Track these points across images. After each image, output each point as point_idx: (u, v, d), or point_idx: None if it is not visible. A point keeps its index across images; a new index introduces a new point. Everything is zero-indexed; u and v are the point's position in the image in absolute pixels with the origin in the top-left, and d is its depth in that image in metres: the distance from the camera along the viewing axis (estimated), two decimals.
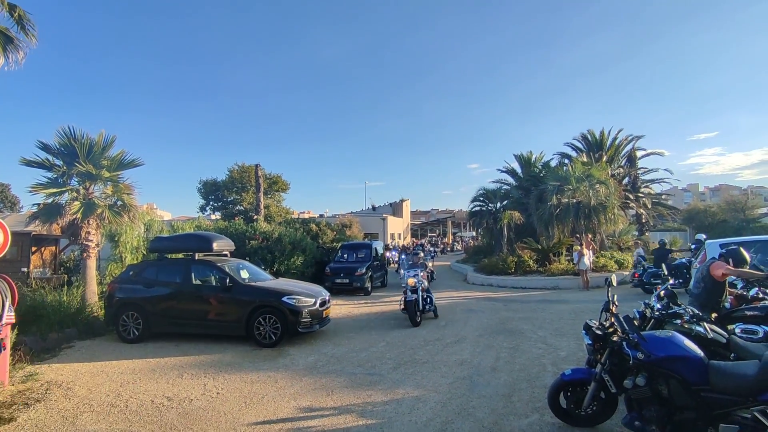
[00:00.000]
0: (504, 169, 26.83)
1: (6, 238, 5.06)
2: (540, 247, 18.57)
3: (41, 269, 12.87)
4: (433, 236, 53.10)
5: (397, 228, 40.33)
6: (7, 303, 5.48)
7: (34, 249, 12.68)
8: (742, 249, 5.20)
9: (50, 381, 6.05)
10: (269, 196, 34.05)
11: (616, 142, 25.32)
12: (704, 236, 14.28)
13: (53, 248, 13.69)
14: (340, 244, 17.98)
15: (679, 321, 4.38)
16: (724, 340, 3.95)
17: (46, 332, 8.04)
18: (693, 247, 14.05)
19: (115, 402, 5.23)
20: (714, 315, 4.93)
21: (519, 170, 26.07)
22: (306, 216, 36.96)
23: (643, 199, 25.02)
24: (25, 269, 11.92)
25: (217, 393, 5.46)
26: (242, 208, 32.68)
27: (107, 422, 4.62)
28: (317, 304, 8.21)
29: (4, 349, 5.38)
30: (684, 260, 13.15)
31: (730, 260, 5.10)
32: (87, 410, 4.98)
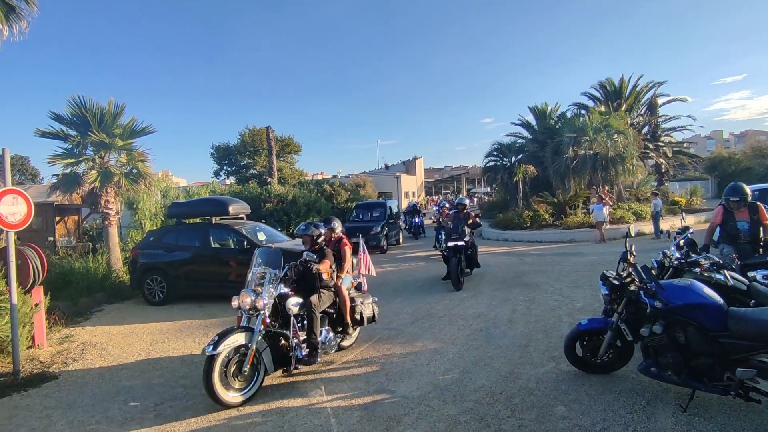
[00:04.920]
0: (518, 122, 26.10)
1: (29, 209, 5.19)
2: (556, 200, 18.35)
3: (66, 238, 13.29)
4: (448, 193, 52.77)
5: (411, 186, 40.16)
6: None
7: (58, 218, 13.05)
8: (742, 184, 5.18)
9: (85, 342, 6.38)
10: (282, 158, 34.00)
11: (637, 89, 24.24)
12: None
13: (76, 217, 14.07)
14: (354, 204, 18.07)
15: (698, 269, 4.33)
16: (745, 287, 3.91)
17: (77, 297, 8.40)
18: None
19: (147, 360, 5.50)
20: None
21: (534, 123, 25.34)
22: (319, 177, 36.95)
23: (664, 148, 24.22)
24: (52, 238, 12.31)
25: None
26: (256, 171, 32.76)
27: (142, 378, 4.88)
28: None
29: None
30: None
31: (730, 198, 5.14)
32: (122, 368, 5.27)
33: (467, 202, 9.85)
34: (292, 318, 4.54)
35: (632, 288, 3.70)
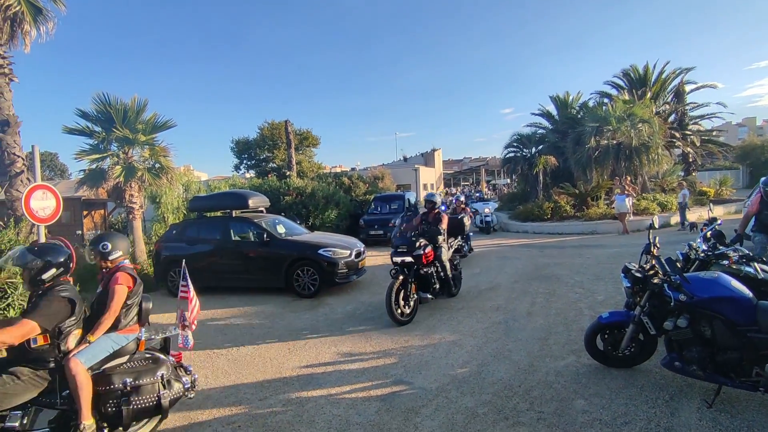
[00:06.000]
0: (539, 112, 25.73)
1: (58, 203, 5.37)
2: (577, 191, 18.03)
3: (94, 231, 13.72)
4: (466, 185, 52.32)
5: (430, 178, 39.94)
6: None
7: (85, 213, 13.48)
8: None
9: None
10: (300, 152, 34.18)
11: (663, 76, 23.47)
12: None
13: (102, 211, 14.51)
14: (372, 197, 18.06)
15: (726, 262, 4.20)
16: None
17: None
18: None
19: None
20: None
21: (555, 113, 24.92)
22: (338, 170, 37.11)
23: (691, 136, 23.45)
24: (80, 232, 12.74)
25: (263, 341, 5.79)
26: (275, 165, 33.03)
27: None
28: (353, 256, 8.39)
29: None
30: None
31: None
32: None
33: (438, 199, 7.27)
34: None
35: (655, 281, 3.61)
